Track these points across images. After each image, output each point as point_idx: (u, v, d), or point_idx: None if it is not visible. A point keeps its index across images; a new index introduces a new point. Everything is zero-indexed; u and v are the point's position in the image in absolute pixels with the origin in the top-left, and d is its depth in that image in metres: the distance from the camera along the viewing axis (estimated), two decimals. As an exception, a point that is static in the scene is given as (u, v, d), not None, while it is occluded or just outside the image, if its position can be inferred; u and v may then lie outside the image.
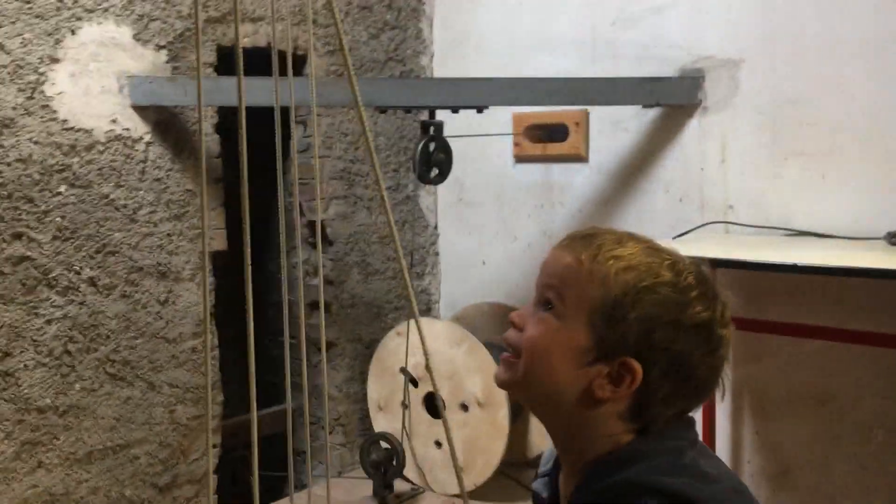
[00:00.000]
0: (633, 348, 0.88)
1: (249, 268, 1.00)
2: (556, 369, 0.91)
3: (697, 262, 0.95)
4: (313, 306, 2.90)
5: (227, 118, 2.66)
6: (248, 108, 1.83)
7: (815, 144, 2.41)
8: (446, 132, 2.52)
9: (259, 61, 2.11)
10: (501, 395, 2.74)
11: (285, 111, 1.92)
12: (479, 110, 2.47)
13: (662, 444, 0.90)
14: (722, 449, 2.61)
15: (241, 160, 1.03)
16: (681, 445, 0.91)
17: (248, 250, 1.03)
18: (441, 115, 2.51)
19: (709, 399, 0.94)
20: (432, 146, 2.51)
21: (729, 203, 2.58)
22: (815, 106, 2.40)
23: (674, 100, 2.60)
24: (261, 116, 2.07)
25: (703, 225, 2.60)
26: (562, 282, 0.93)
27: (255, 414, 0.84)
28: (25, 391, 2.22)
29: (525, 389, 0.96)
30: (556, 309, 0.92)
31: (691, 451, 0.91)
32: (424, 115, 2.56)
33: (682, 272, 0.91)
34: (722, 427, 2.57)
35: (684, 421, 0.94)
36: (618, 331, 0.89)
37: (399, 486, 2.82)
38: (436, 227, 3.46)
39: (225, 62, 2.61)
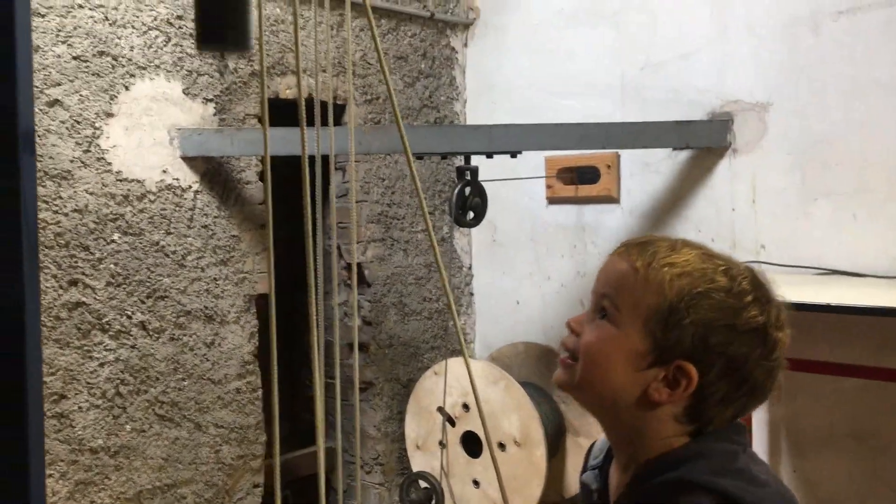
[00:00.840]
0: (689, 352, 0.91)
1: (314, 308, 1.07)
2: (613, 374, 0.94)
3: (751, 267, 0.97)
4: (352, 347, 2.96)
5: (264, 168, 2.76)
6: (289, 156, 1.92)
7: (845, 184, 2.45)
8: (481, 175, 2.60)
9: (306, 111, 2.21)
10: (538, 435, 2.77)
11: (326, 158, 2.00)
12: (513, 155, 2.54)
13: (717, 445, 0.93)
14: (760, 487, 2.61)
15: (305, 206, 1.11)
16: (734, 449, 0.93)
17: (313, 296, 1.10)
18: (476, 159, 2.59)
19: (766, 398, 0.97)
20: (468, 190, 2.58)
21: (760, 243, 2.62)
22: (842, 146, 2.45)
23: (703, 142, 2.66)
24: (300, 163, 2.16)
25: (735, 264, 2.64)
26: (617, 290, 0.95)
27: (321, 452, 0.90)
28: (79, 432, 2.30)
29: (582, 392, 0.99)
30: (613, 316, 0.95)
31: (743, 455, 0.93)
32: (460, 160, 2.64)
33: (737, 277, 0.93)
34: (759, 465, 2.58)
35: (737, 426, 0.97)
36: (674, 335, 0.91)
37: (438, 525, 2.85)
38: (470, 268, 3.53)
39: (269, 113, 2.72)
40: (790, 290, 0.98)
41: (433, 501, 2.74)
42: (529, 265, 3.30)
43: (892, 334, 2.32)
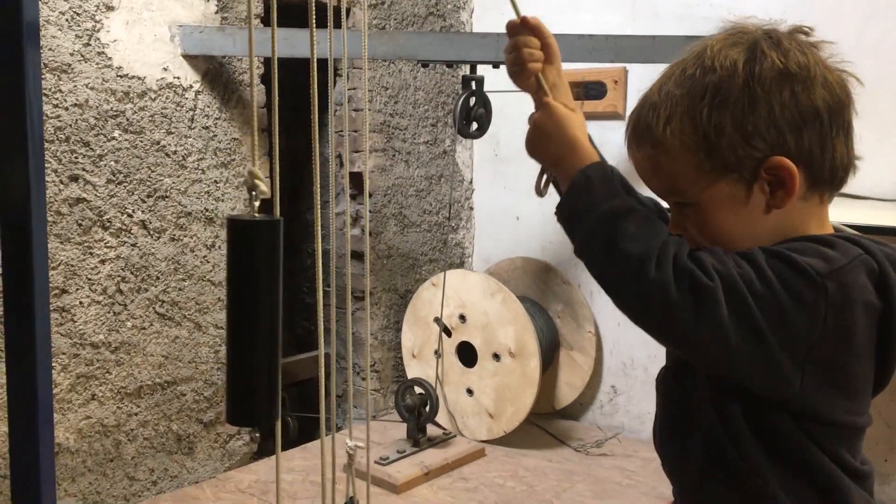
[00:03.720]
0: (762, 152, 0.86)
1: (320, 217, 1.07)
2: (739, 229, 0.89)
3: (764, 28, 0.91)
4: (351, 256, 2.98)
5: (270, 69, 2.71)
6: (293, 60, 1.89)
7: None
8: (486, 86, 2.57)
9: (305, 13, 2.16)
10: (533, 347, 2.82)
11: (327, 63, 1.95)
12: (520, 66, 2.50)
13: (851, 248, 0.88)
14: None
15: (313, 110, 1.10)
16: (874, 270, 0.86)
17: (317, 197, 1.10)
18: (482, 69, 2.55)
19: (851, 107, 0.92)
20: (472, 101, 2.55)
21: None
22: (854, 66, 2.41)
23: (714, 59, 2.61)
24: (305, 69, 2.13)
25: (737, 184, 2.63)
26: (662, 181, 0.92)
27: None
28: (80, 327, 2.33)
29: None
30: (686, 198, 0.91)
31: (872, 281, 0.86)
32: (465, 70, 2.60)
33: (724, 61, 0.88)
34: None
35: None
36: (731, 155, 0.86)
37: (430, 430, 2.91)
38: (471, 182, 3.52)
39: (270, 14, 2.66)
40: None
41: (427, 406, 2.80)
42: (531, 181, 3.27)
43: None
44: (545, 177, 1.04)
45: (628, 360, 3.09)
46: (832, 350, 0.84)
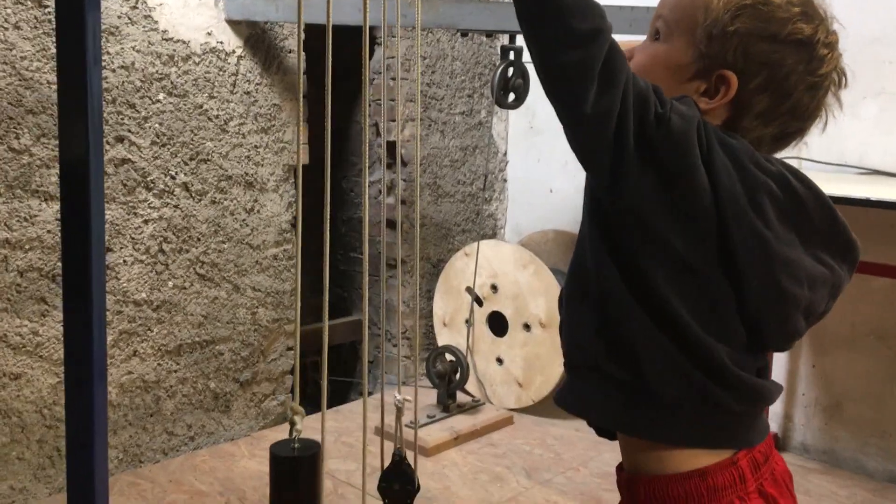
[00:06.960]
0: (731, 62, 0.92)
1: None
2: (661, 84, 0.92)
3: None
4: (386, 224, 3.01)
5: (312, 37, 2.73)
6: (333, 29, 1.91)
7: (895, 84, 2.40)
8: (524, 58, 2.57)
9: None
10: (564, 317, 2.84)
11: (370, 33, 1.95)
12: (560, 37, 2.50)
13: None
14: (777, 379, 2.68)
15: (364, 75, 1.12)
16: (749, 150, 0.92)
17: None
18: (521, 40, 2.55)
19: (810, 125, 0.98)
20: (511, 71, 2.56)
21: (803, 139, 2.60)
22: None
23: (755, 34, 2.60)
24: (345, 37, 2.15)
25: (775, 161, 2.62)
26: (671, 10, 0.97)
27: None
28: (124, 284, 2.39)
29: None
30: (664, 34, 0.97)
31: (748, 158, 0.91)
32: (504, 40, 2.61)
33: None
34: (779, 357, 2.64)
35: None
36: (716, 45, 0.92)
37: (459, 397, 2.96)
38: (505, 154, 3.53)
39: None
40: (829, 186, 0.98)
41: (458, 374, 2.84)
42: (565, 154, 3.27)
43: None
44: None
45: (658, 333, 3.10)
46: (671, 161, 0.85)
